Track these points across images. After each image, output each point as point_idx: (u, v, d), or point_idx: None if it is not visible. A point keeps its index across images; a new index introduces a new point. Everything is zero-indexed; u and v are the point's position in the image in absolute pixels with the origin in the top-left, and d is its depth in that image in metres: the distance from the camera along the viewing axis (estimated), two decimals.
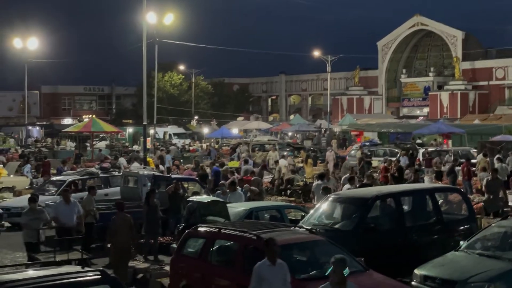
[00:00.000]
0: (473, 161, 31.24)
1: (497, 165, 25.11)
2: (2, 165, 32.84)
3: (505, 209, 19.56)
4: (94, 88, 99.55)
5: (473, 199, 19.83)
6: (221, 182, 21.53)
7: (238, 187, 19.91)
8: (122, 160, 31.88)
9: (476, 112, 66.75)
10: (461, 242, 13.13)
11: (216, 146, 47.94)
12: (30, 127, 67.55)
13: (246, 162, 29.93)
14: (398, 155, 34.10)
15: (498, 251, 12.46)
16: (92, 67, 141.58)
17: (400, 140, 44.83)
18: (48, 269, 9.08)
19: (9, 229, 21.28)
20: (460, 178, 25.79)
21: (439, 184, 22.27)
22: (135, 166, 27.58)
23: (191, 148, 48.50)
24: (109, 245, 15.57)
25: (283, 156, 34.07)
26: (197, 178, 24.49)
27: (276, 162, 30.47)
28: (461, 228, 14.88)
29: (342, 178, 22.10)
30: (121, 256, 14.76)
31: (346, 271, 8.78)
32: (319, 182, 20.13)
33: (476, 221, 15.73)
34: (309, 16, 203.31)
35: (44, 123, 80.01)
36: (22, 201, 21.27)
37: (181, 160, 37.43)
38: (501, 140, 36.65)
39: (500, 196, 19.54)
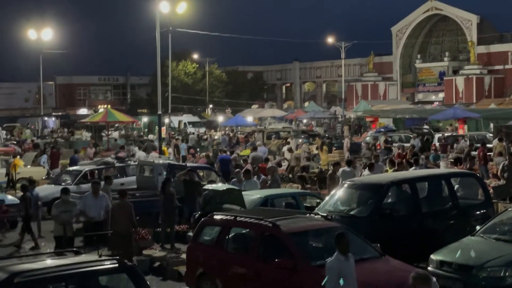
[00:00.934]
0: (488, 146, 31.08)
1: None
2: (19, 156, 33.06)
3: None
4: (109, 78, 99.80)
5: (489, 183, 19.72)
6: (237, 170, 21.55)
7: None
8: (136, 150, 31.89)
9: (492, 97, 66.21)
10: (477, 227, 13.10)
11: (231, 135, 47.94)
12: (46, 118, 67.93)
13: (254, 149, 29.92)
14: (390, 140, 33.99)
15: None
16: (106, 57, 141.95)
17: (415, 126, 44.62)
18: (66, 258, 9.16)
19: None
20: (476, 163, 25.65)
21: (455, 169, 22.11)
22: (153, 156, 27.64)
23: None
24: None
25: (288, 144, 33.95)
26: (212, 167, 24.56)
27: (290, 150, 30.37)
28: (477, 213, 14.83)
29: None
30: (122, 242, 14.71)
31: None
32: (346, 168, 19.94)
33: (492, 206, 15.66)
34: (323, 2, 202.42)
35: (60, 113, 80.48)
36: (42, 191, 21.48)
37: (198, 149, 37.53)
38: None
39: None
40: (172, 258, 15.25)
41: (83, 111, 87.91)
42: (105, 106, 65.30)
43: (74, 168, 24.83)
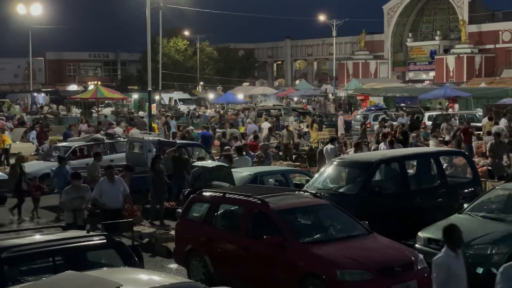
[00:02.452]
0: (477, 124, 31.20)
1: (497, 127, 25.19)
2: (9, 131, 32.92)
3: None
4: (99, 54, 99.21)
5: (478, 162, 19.82)
6: (227, 147, 21.57)
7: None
8: (119, 130, 31.57)
9: (483, 76, 66.24)
10: (465, 205, 13.17)
11: (222, 112, 47.87)
12: (35, 94, 67.57)
13: (232, 126, 30.29)
14: (388, 118, 34.04)
15: (501, 213, 12.51)
16: (96, 33, 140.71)
17: (407, 104, 44.65)
18: (53, 233, 9.17)
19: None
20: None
21: (444, 148, 22.21)
22: (133, 132, 27.83)
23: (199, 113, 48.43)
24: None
25: (266, 120, 34.02)
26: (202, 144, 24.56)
27: (287, 127, 30.34)
28: (466, 191, 14.90)
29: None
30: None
31: None
32: (330, 146, 20.08)
33: (480, 184, 15.74)
34: None
35: (50, 89, 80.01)
36: (30, 166, 21.45)
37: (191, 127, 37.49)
38: (507, 103, 36.48)
39: (504, 160, 19.56)
40: (161, 234, 15.27)
41: (73, 87, 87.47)
42: (95, 82, 64.86)
43: (63, 144, 24.76)
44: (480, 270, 11.01)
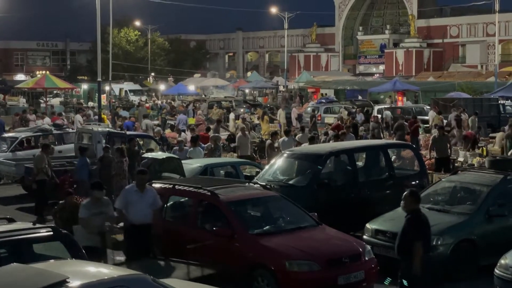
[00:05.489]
0: (425, 118, 31.76)
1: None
2: None
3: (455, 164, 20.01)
4: (48, 43, 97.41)
5: (425, 155, 20.16)
6: (179, 139, 21.51)
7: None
8: (78, 117, 31.34)
9: (431, 70, 67.38)
10: None
11: (173, 103, 47.59)
12: None
13: (145, 117, 30.87)
14: (354, 111, 34.38)
15: (447, 205, 12.75)
16: (45, 22, 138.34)
17: (355, 98, 45.13)
18: None
19: None
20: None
21: (392, 140, 22.51)
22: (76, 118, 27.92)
23: (146, 104, 48.06)
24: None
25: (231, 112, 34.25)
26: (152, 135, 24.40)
27: (243, 119, 30.35)
28: (413, 183, 15.10)
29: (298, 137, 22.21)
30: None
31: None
32: (285, 138, 20.35)
33: (427, 177, 16.01)
34: None
35: None
36: None
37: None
38: (454, 97, 37.21)
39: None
40: (111, 226, 15.07)
41: (20, 77, 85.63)
42: (44, 72, 63.69)
43: (10, 134, 24.28)
44: None
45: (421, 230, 8.99)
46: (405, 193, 9.34)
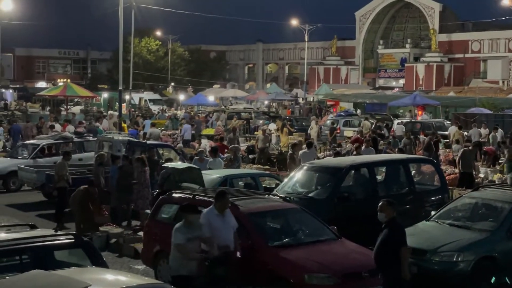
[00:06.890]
0: (444, 133, 31.57)
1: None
2: None
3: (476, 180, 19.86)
4: (69, 52, 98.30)
5: (445, 170, 20.06)
6: (200, 149, 21.57)
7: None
8: (70, 128, 30.90)
9: (451, 85, 67.10)
10: (432, 212, 13.31)
11: (192, 113, 47.75)
12: (3, 90, 66.56)
13: (153, 125, 31.39)
14: (373, 125, 34.26)
15: (468, 221, 12.66)
16: (67, 31, 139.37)
17: (376, 111, 45.03)
18: (20, 232, 9.04)
19: None
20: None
21: (413, 155, 22.38)
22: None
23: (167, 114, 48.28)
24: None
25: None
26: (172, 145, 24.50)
27: (263, 131, 30.30)
28: (433, 198, 15.06)
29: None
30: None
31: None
32: (306, 150, 20.21)
33: (448, 192, 15.93)
34: None
35: (18, 86, 78.97)
36: None
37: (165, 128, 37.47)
38: (475, 112, 36.99)
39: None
40: (129, 235, 15.17)
41: (41, 84, 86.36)
42: (65, 80, 64.24)
43: (31, 141, 24.47)
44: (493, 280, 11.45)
45: (404, 236, 9.29)
46: (382, 203, 9.49)
